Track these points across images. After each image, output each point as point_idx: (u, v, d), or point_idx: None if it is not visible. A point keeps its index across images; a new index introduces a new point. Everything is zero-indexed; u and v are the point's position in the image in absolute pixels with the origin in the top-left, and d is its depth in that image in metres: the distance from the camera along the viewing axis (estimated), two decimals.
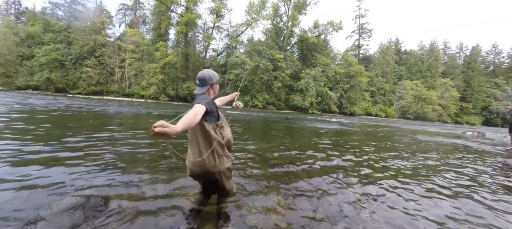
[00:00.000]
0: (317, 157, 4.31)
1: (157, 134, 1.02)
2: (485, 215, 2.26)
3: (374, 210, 2.19)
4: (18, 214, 1.65)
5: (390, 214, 2.13)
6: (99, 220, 1.64)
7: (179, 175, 2.65)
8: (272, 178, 2.86)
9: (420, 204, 2.41)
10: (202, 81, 1.69)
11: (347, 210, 2.15)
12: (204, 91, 1.68)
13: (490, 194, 2.87)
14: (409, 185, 3.03)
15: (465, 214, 2.25)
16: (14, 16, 42.53)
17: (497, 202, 2.62)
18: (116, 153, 3.47)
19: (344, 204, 2.26)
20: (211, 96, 1.72)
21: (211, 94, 1.73)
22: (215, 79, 1.74)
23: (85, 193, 2.01)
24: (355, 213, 2.09)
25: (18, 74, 33.28)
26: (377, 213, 2.13)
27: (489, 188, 3.12)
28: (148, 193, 2.15)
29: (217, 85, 1.79)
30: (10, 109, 8.33)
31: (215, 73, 1.78)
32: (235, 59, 32.94)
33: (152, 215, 1.77)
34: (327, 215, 2.01)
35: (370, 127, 14.41)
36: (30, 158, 2.90)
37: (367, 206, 2.26)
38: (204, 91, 1.67)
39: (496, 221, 2.14)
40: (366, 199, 2.44)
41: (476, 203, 2.57)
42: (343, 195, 2.51)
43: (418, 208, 2.32)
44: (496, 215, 2.28)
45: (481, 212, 2.33)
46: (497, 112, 47.15)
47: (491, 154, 6.39)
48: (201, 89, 1.68)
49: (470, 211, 2.32)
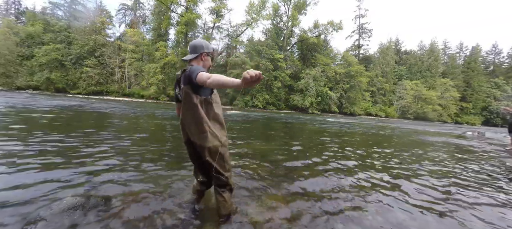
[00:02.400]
0: (318, 157, 4.31)
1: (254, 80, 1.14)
2: (485, 215, 2.26)
3: (375, 210, 2.19)
4: (18, 214, 1.65)
5: (391, 215, 2.13)
6: (99, 220, 1.64)
7: (179, 175, 2.65)
8: (272, 178, 2.85)
9: (420, 204, 2.41)
10: (192, 48, 1.68)
11: (348, 210, 2.15)
12: (194, 57, 1.66)
13: (490, 194, 2.87)
14: (409, 185, 3.03)
15: (465, 216, 2.24)
16: (14, 16, 42.59)
17: (498, 202, 2.62)
18: (117, 153, 3.47)
19: (345, 205, 2.26)
20: (200, 67, 1.58)
21: (200, 64, 1.68)
22: (207, 50, 1.70)
23: (85, 193, 2.01)
24: (356, 214, 2.09)
25: (18, 74, 33.33)
26: (379, 214, 2.13)
27: (489, 188, 3.12)
28: (149, 192, 2.14)
29: (208, 58, 1.74)
30: (10, 109, 8.34)
31: (208, 43, 1.74)
32: (235, 59, 32.96)
33: (153, 215, 1.77)
34: (328, 215, 2.01)
35: (370, 127, 14.41)
36: (30, 158, 2.90)
37: (368, 207, 2.26)
38: (193, 57, 1.66)
39: (496, 221, 2.14)
40: (367, 199, 2.44)
41: (476, 203, 2.57)
42: (344, 195, 2.51)
43: (418, 207, 2.32)
44: (496, 215, 2.28)
45: (481, 212, 2.33)
46: (497, 112, 47.18)
47: (491, 154, 6.39)
48: (191, 56, 1.67)
49: (470, 213, 2.32)
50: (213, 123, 1.66)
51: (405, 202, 2.44)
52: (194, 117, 1.59)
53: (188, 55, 1.69)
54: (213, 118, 1.66)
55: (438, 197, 2.66)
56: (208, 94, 1.62)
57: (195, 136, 1.61)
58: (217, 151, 1.64)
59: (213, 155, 1.64)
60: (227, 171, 1.71)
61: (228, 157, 1.75)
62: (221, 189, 1.72)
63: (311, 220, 1.91)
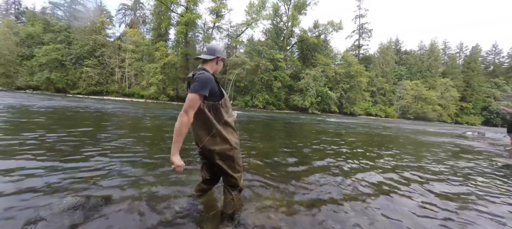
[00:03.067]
0: (318, 157, 4.31)
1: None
2: (485, 217, 2.26)
3: (375, 210, 2.19)
4: (18, 214, 1.64)
5: (392, 215, 2.12)
6: (99, 220, 1.64)
7: (179, 175, 2.65)
8: (273, 178, 2.85)
9: (420, 204, 2.41)
10: (211, 50, 1.70)
11: (349, 211, 2.15)
12: (211, 59, 1.69)
13: (490, 194, 2.87)
14: (410, 185, 3.03)
15: (464, 218, 2.24)
16: (14, 16, 42.57)
17: (497, 203, 2.62)
18: (117, 153, 3.46)
19: (346, 205, 2.26)
20: (213, 70, 1.71)
21: (213, 68, 1.73)
22: (223, 55, 1.76)
23: (85, 193, 2.01)
24: (356, 214, 2.09)
25: (18, 74, 33.31)
26: (380, 214, 2.13)
27: (489, 188, 3.12)
28: (149, 192, 2.14)
29: (221, 63, 1.80)
30: (10, 109, 8.33)
31: (224, 51, 1.81)
32: (235, 59, 32.94)
33: (153, 215, 1.77)
34: (329, 216, 2.01)
35: (370, 127, 14.41)
36: (30, 158, 2.90)
37: (369, 207, 2.25)
38: (211, 58, 1.68)
39: (496, 221, 2.14)
40: (368, 200, 2.44)
41: (476, 204, 2.57)
42: (345, 195, 2.51)
43: (418, 207, 2.32)
44: (495, 216, 2.28)
45: (481, 213, 2.33)
46: (497, 112, 47.17)
47: (491, 154, 6.38)
48: (208, 56, 1.68)
49: (470, 214, 2.32)
50: (223, 126, 1.67)
51: (406, 203, 2.44)
52: (202, 122, 1.62)
53: (204, 55, 1.70)
54: (222, 122, 1.66)
55: (438, 199, 2.65)
56: (217, 99, 1.62)
57: (204, 140, 1.62)
58: (227, 154, 1.67)
59: (223, 158, 1.67)
60: (237, 172, 1.74)
61: (239, 159, 1.76)
62: (231, 189, 1.76)
63: (311, 220, 1.91)
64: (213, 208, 1.94)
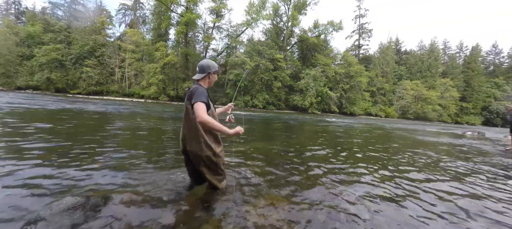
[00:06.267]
0: (318, 157, 4.31)
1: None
2: (485, 216, 2.26)
3: (376, 211, 2.19)
4: (18, 214, 1.64)
5: (392, 216, 2.12)
6: (99, 220, 1.64)
7: (180, 174, 2.64)
8: (272, 177, 2.85)
9: (419, 205, 2.41)
10: (201, 69, 1.95)
11: (349, 211, 2.14)
12: (202, 77, 1.94)
13: (490, 194, 2.87)
14: (410, 184, 3.03)
15: (464, 218, 2.24)
16: (14, 16, 42.52)
17: (497, 203, 2.62)
18: (117, 153, 3.46)
19: (346, 205, 2.26)
20: (206, 85, 1.99)
21: (206, 83, 1.99)
22: (214, 69, 1.98)
23: (85, 193, 2.01)
24: (357, 214, 2.08)
25: (18, 74, 33.29)
26: (380, 215, 2.13)
27: (489, 188, 3.12)
28: (149, 192, 2.14)
29: (214, 75, 2.03)
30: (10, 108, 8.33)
31: (214, 64, 2.02)
32: (235, 59, 32.96)
33: (153, 215, 1.76)
34: (329, 216, 2.01)
35: (370, 127, 14.40)
36: (30, 158, 2.90)
37: (369, 207, 2.25)
38: (201, 76, 1.93)
39: (496, 221, 2.13)
40: (369, 200, 2.44)
41: (476, 204, 2.57)
42: (345, 195, 2.50)
43: (418, 207, 2.32)
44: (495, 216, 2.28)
45: (481, 212, 2.33)
46: (497, 112, 47.17)
47: (491, 154, 6.38)
48: (199, 75, 1.94)
49: (470, 214, 2.32)
50: (208, 135, 1.91)
51: (406, 203, 2.44)
52: (191, 130, 1.86)
53: (197, 75, 1.95)
54: (208, 131, 1.90)
55: (438, 200, 2.65)
56: (206, 109, 1.84)
57: (192, 146, 1.87)
58: (211, 160, 1.93)
59: (206, 163, 1.93)
60: (218, 174, 2.04)
61: (221, 164, 2.03)
62: (212, 189, 2.13)
63: (312, 220, 1.91)
64: (213, 208, 1.94)
